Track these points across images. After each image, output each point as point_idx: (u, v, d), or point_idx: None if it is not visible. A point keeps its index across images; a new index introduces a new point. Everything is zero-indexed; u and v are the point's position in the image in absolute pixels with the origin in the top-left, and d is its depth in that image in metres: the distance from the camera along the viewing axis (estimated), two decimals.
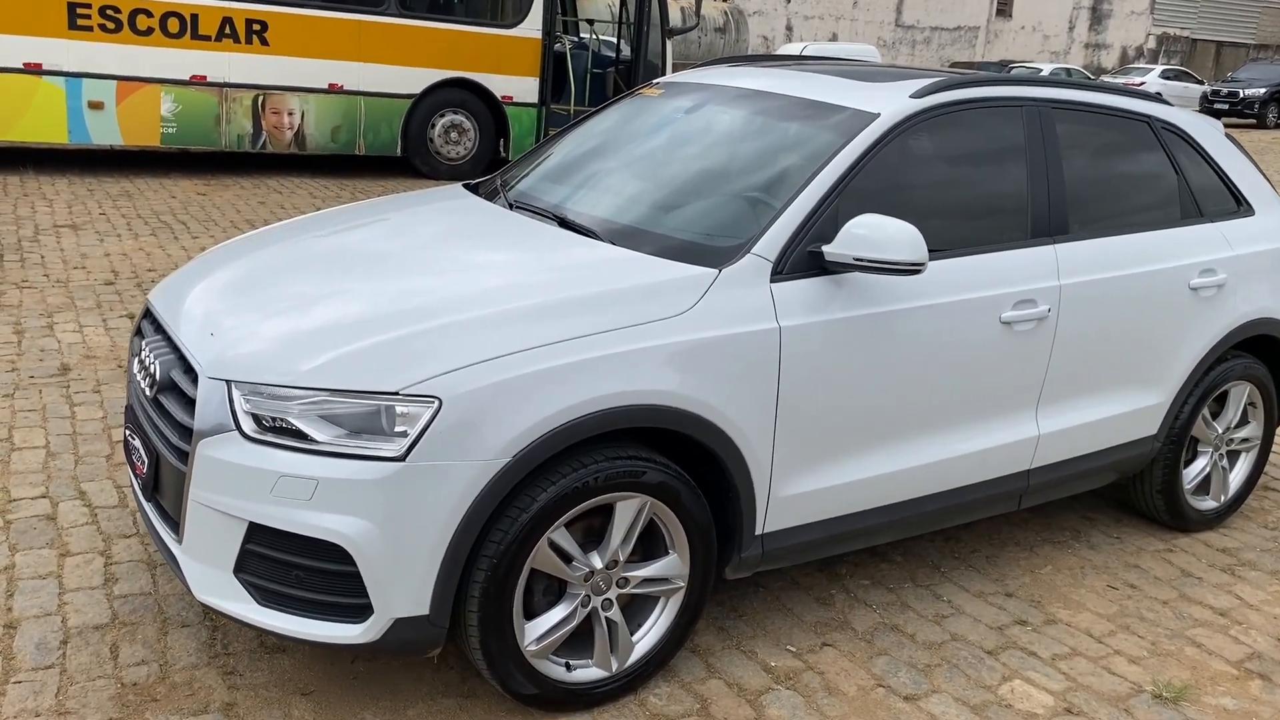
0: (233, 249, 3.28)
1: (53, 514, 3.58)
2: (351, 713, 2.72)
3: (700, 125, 3.52)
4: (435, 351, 2.49)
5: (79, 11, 10.02)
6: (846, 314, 2.93)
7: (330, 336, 2.56)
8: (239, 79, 10.91)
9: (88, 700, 2.68)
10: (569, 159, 3.71)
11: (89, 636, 2.93)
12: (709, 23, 29.60)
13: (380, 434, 2.43)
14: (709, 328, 2.73)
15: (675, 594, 2.87)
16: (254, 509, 2.45)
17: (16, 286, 6.35)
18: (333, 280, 2.87)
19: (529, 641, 2.65)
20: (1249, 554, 4.02)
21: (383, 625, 2.47)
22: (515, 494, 2.53)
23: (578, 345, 2.57)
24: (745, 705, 2.87)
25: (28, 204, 8.77)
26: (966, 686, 3.04)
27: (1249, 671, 3.24)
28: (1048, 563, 3.83)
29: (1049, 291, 3.35)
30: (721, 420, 2.75)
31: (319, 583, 2.47)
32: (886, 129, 3.13)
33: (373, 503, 2.40)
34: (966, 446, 3.29)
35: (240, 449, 2.47)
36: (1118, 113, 3.73)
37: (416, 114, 11.88)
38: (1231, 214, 3.99)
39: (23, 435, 4.19)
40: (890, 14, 38.36)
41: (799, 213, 2.94)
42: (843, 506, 3.09)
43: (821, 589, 3.51)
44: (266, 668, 2.87)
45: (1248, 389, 4.07)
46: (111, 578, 3.23)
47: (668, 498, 2.73)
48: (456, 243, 3.13)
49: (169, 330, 2.86)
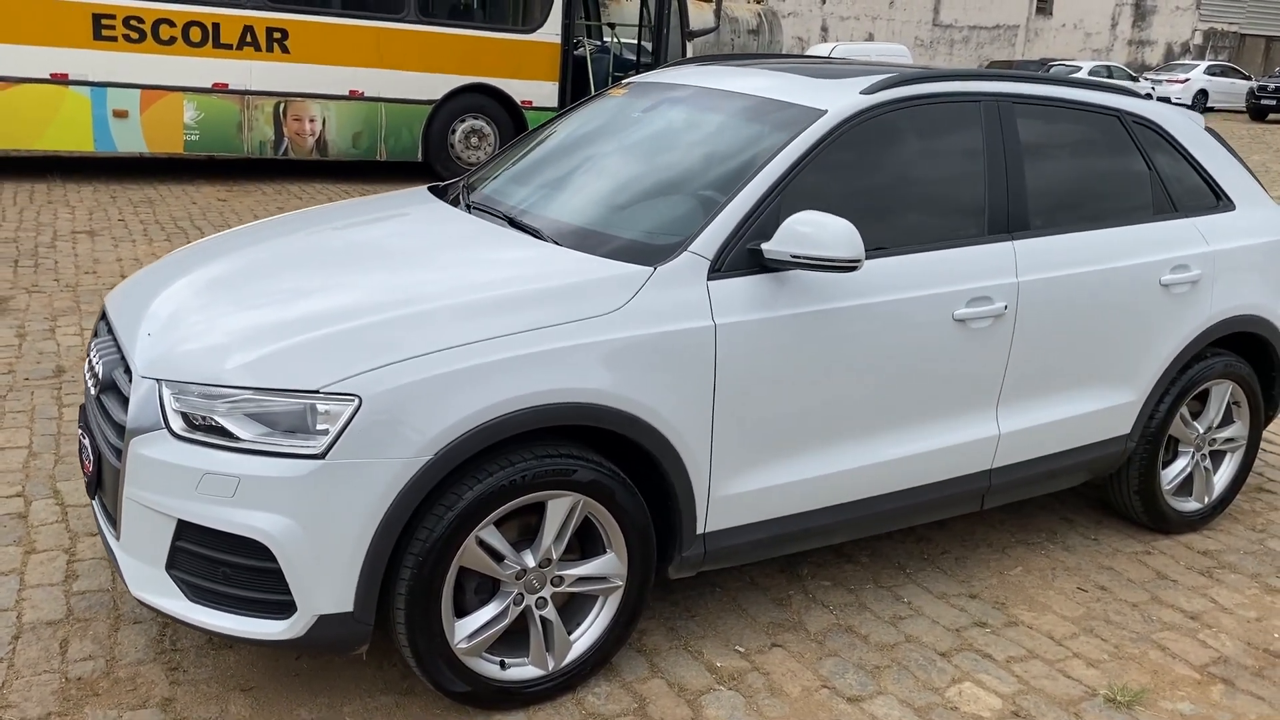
0: (190, 253, 3.33)
1: (25, 512, 3.66)
2: (288, 710, 2.75)
3: (655, 124, 3.51)
4: (357, 350, 2.51)
5: (104, 22, 10.22)
6: (787, 311, 2.91)
7: (258, 337, 2.59)
8: (261, 86, 11.07)
9: (30, 694, 2.73)
10: (530, 161, 3.72)
11: (41, 632, 2.99)
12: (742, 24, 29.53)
13: (303, 432, 2.45)
14: (640, 326, 2.72)
15: (614, 593, 2.87)
16: (181, 506, 2.48)
17: (26, 291, 6.49)
18: (273, 283, 2.90)
19: (459, 639, 2.66)
20: (1231, 557, 3.94)
21: (306, 622, 2.49)
22: (439, 492, 2.54)
23: (503, 343, 2.57)
24: (684, 705, 2.85)
25: (50, 211, 8.96)
26: (914, 689, 3.00)
27: (1212, 676, 3.17)
28: (1018, 564, 3.77)
29: (1006, 288, 3.30)
30: (655, 419, 2.74)
31: (244, 579, 2.50)
32: (833, 125, 3.11)
33: (293, 500, 2.42)
34: (921, 446, 3.25)
35: (169, 447, 2.50)
36: (1086, 107, 3.66)
37: (437, 119, 11.98)
38: (1210, 209, 3.91)
39: (7, 435, 4.28)
40: (927, 13, 38.03)
41: (738, 210, 2.92)
42: (790, 506, 3.07)
43: (780, 590, 3.48)
44: (211, 664, 2.90)
45: (1229, 388, 3.98)
46: (72, 575, 3.29)
47: (601, 496, 2.73)
48: (404, 244, 3.15)
49: (115, 330, 2.91)
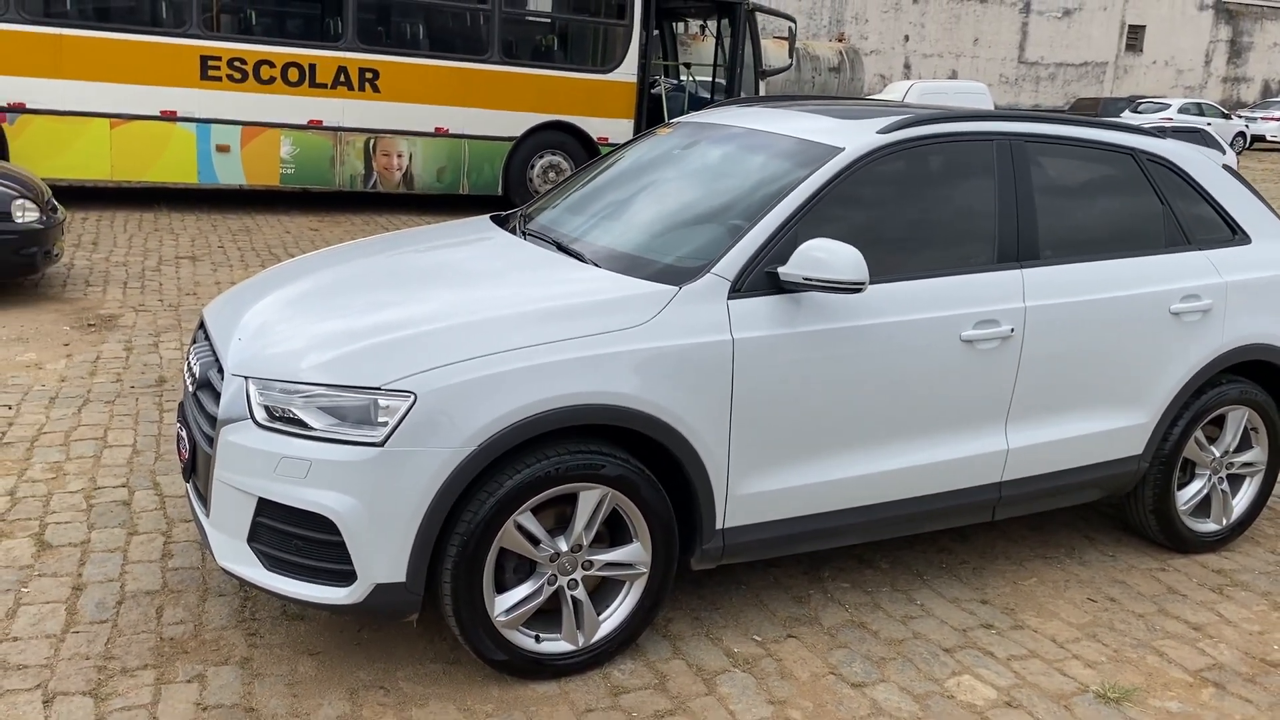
0: (278, 271, 3.76)
1: (129, 500, 4.12)
2: (349, 671, 3.12)
3: (693, 160, 3.86)
4: (416, 353, 2.89)
5: (210, 64, 10.99)
6: (801, 329, 3.22)
7: (331, 342, 2.99)
8: (352, 123, 11.74)
9: (130, 649, 3.14)
10: (580, 193, 4.10)
11: (140, 600, 3.42)
12: (823, 62, 29.85)
13: (366, 423, 2.83)
14: (664, 338, 3.06)
15: (639, 579, 3.19)
16: (262, 485, 2.88)
17: (134, 310, 7.08)
18: (346, 297, 3.31)
19: (499, 612, 3.01)
20: (1244, 576, 4.09)
21: (365, 590, 2.86)
22: (482, 479, 2.90)
23: (540, 351, 2.93)
24: (700, 683, 3.15)
25: (157, 238, 9.66)
26: (915, 678, 3.25)
27: (1205, 680, 3.35)
28: (1033, 575, 3.99)
29: (1013, 313, 3.56)
30: (677, 422, 3.06)
31: (312, 551, 2.88)
32: (849, 162, 3.42)
33: (355, 481, 2.80)
34: (930, 456, 3.52)
35: (253, 434, 2.91)
36: (1099, 145, 3.91)
37: (517, 155, 12.54)
38: (1225, 242, 4.11)
39: (115, 435, 4.78)
40: (1013, 50, 37.91)
41: (758, 238, 3.25)
42: (804, 507, 3.36)
43: (801, 589, 3.76)
44: (284, 631, 3.30)
45: (1245, 413, 4.15)
46: (168, 554, 3.72)
47: (627, 490, 3.06)
48: (463, 265, 3.54)
49: (211, 337, 3.35)
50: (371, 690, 3.03)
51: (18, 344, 6.11)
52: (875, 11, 35.51)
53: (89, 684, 2.96)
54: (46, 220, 7.02)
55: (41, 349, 6.04)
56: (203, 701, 2.92)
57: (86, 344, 6.21)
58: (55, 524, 3.89)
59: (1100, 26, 39.15)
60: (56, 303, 7.14)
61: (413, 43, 11.97)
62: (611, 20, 12.69)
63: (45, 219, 7.01)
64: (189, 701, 2.92)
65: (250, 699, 2.95)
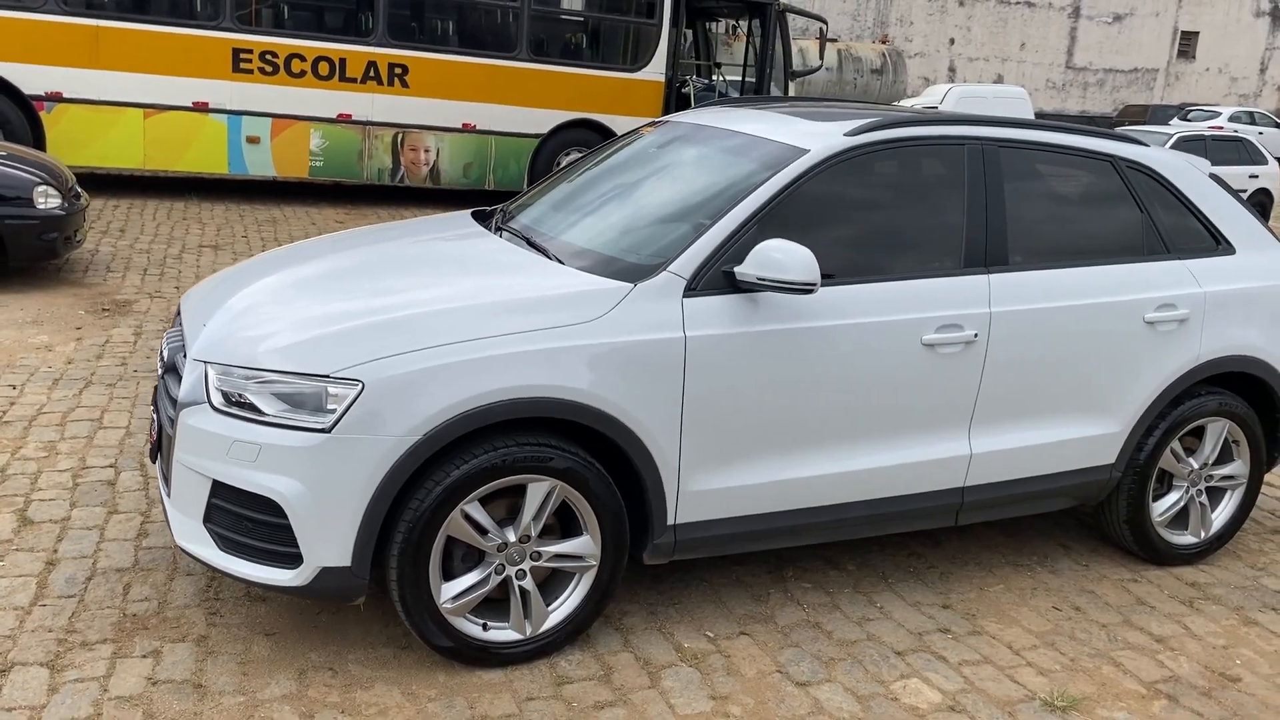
0: (253, 264, 3.84)
1: (114, 480, 4.23)
2: (301, 653, 3.19)
3: (665, 159, 3.89)
4: (366, 343, 2.95)
5: (242, 56, 11.17)
6: (756, 328, 3.24)
7: (290, 330, 3.06)
8: (381, 118, 11.88)
9: (93, 624, 3.24)
10: (559, 190, 4.14)
11: (110, 576, 3.51)
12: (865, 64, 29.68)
13: (316, 410, 2.90)
14: (615, 334, 3.09)
15: (588, 571, 3.23)
16: (215, 468, 2.96)
17: (149, 296, 7.24)
18: (315, 287, 3.37)
19: (445, 599, 3.06)
20: (1219, 590, 4.05)
21: (311, 572, 2.92)
22: (429, 468, 2.96)
23: (490, 343, 2.98)
24: (645, 676, 3.19)
25: (183, 226, 9.85)
26: (862, 680, 3.26)
27: (1158, 692, 3.33)
28: (1001, 582, 3.98)
29: (978, 318, 3.55)
30: (625, 417, 3.10)
31: (262, 533, 2.95)
32: (813, 163, 3.43)
33: (302, 466, 2.86)
34: (890, 459, 3.52)
35: (209, 418, 2.98)
36: (1077, 152, 3.89)
37: (543, 152, 12.62)
38: (1207, 252, 4.06)
39: (111, 417, 4.90)
40: (1060, 55, 37.44)
41: (716, 237, 3.27)
42: (758, 505, 3.37)
43: (762, 587, 3.78)
44: (244, 612, 3.37)
45: (1225, 425, 4.11)
46: (144, 533, 3.82)
47: (576, 483, 3.10)
48: (433, 259, 3.60)
49: (183, 322, 3.43)
50: (320, 671, 3.10)
51: (32, 326, 6.27)
52: (920, 14, 35.22)
53: (47, 655, 3.06)
54: (69, 206, 7.20)
55: (54, 332, 6.20)
56: (154, 676, 3.00)
57: (99, 328, 6.36)
58: (40, 501, 4.00)
59: (1151, 32, 38.54)
60: (76, 287, 7.32)
61: (442, 39, 12.09)
62: (640, 19, 12.73)
63: (67, 205, 7.18)
64: (140, 676, 3.00)
65: (200, 675, 3.03)
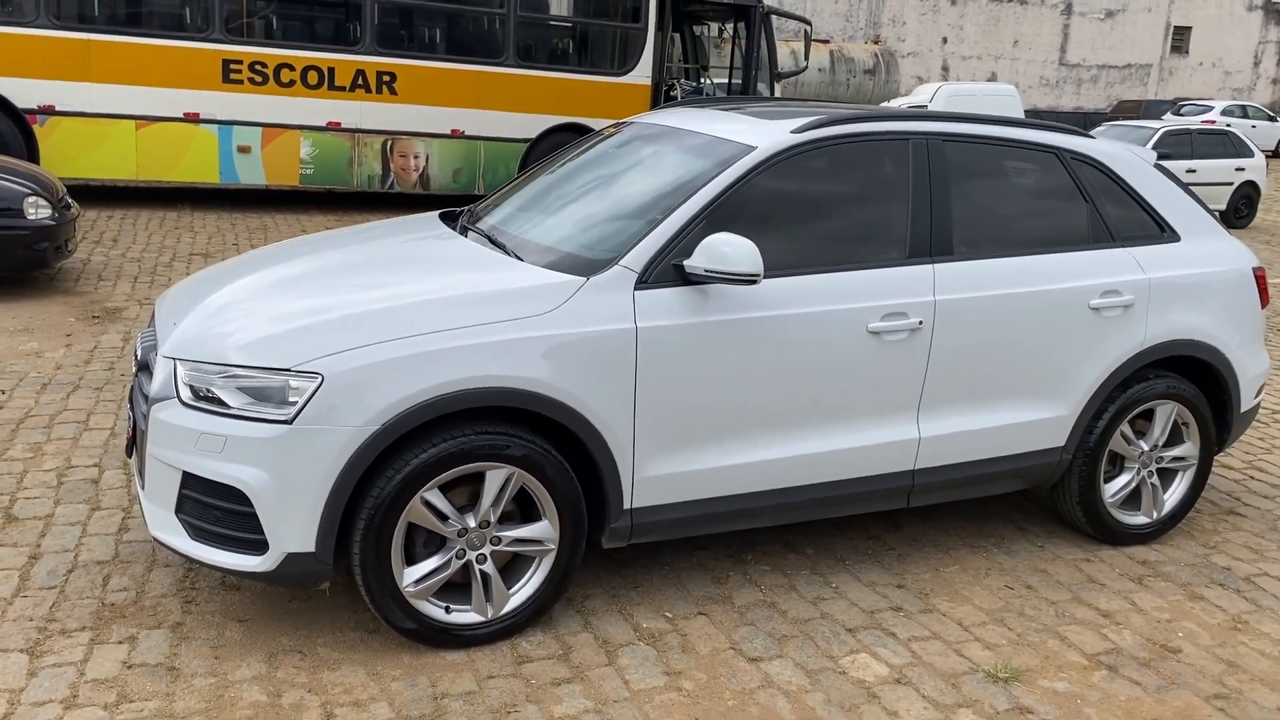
0: (223, 267, 3.96)
1: (97, 479, 4.36)
2: (272, 637, 3.32)
3: (624, 158, 4.02)
4: (326, 337, 3.08)
5: (232, 67, 11.33)
6: (704, 319, 3.37)
7: (254, 327, 3.19)
8: (370, 125, 12.04)
9: (72, 613, 3.37)
10: (526, 190, 4.27)
11: (90, 569, 3.65)
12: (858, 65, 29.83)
13: (279, 402, 3.03)
14: (568, 326, 3.22)
15: (547, 555, 3.36)
16: (184, 459, 3.09)
17: (139, 303, 7.39)
18: (282, 287, 3.50)
19: (408, 583, 3.19)
20: (1169, 567, 4.17)
21: (277, 558, 3.06)
22: (388, 456, 3.09)
23: (445, 336, 3.11)
24: (603, 655, 3.31)
25: (175, 235, 10.00)
26: (812, 655, 3.39)
27: (1099, 663, 3.45)
28: (956, 563, 4.10)
29: (922, 306, 3.67)
30: (579, 405, 3.23)
31: (229, 521, 3.08)
32: (760, 160, 3.56)
33: (266, 456, 3.00)
34: (839, 443, 3.65)
35: (178, 412, 3.12)
36: (1021, 144, 4.02)
37: (532, 157, 12.76)
38: (1152, 239, 4.19)
39: (97, 419, 5.04)
40: (1054, 52, 37.55)
41: (666, 232, 3.40)
42: (712, 489, 3.50)
43: (722, 570, 3.90)
44: (219, 600, 3.51)
45: (1174, 408, 4.23)
46: (125, 528, 3.95)
47: (533, 470, 3.23)
48: (398, 258, 3.73)
49: (156, 322, 3.57)
50: (290, 654, 3.23)
51: (23, 334, 6.41)
52: (913, 13, 35.37)
53: (27, 643, 3.19)
54: (59, 217, 7.34)
55: (44, 339, 6.34)
56: (129, 660, 3.14)
57: (88, 335, 6.50)
58: (25, 499, 4.14)
59: (1144, 28, 38.65)
60: (66, 295, 7.46)
61: (429, 46, 12.25)
62: (626, 23, 12.88)
63: (57, 215, 7.33)
64: (116, 660, 3.13)
65: (174, 659, 3.16)
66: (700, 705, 3.09)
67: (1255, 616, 3.81)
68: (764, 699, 3.14)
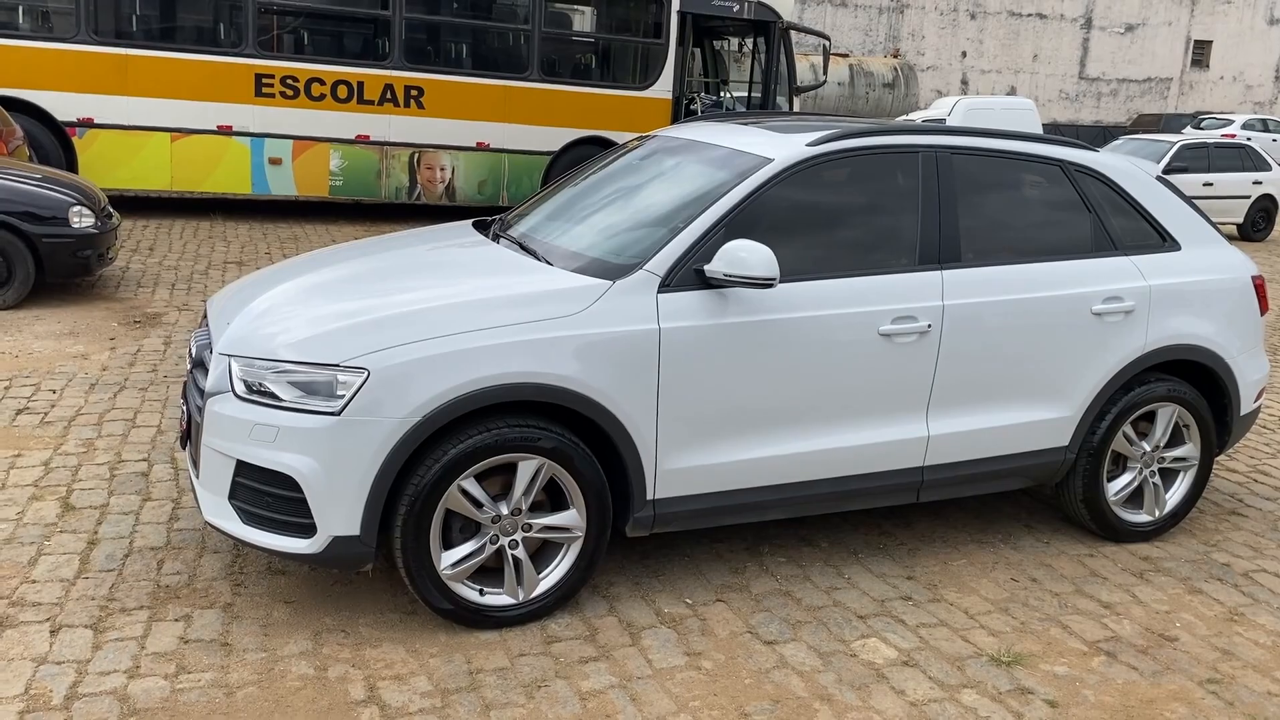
0: (273, 270, 4.21)
1: (148, 472, 4.61)
2: (317, 617, 3.54)
3: (649, 169, 4.24)
4: (372, 335, 3.31)
5: (264, 81, 11.65)
6: (723, 321, 3.58)
7: (305, 326, 3.42)
8: (398, 138, 12.33)
9: (130, 594, 3.60)
10: (553, 199, 4.50)
11: (145, 554, 3.88)
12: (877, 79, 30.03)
13: (327, 395, 3.26)
14: (595, 326, 3.44)
15: (575, 542, 3.57)
16: (239, 449, 3.32)
17: (178, 309, 7.66)
18: (328, 289, 3.74)
19: (445, 566, 3.41)
20: (1170, 563, 4.34)
21: (324, 541, 3.28)
22: (428, 447, 3.31)
23: (482, 334, 3.33)
24: (626, 636, 3.52)
25: (209, 244, 10.29)
26: (825, 639, 3.58)
27: (1099, 649, 3.63)
28: (964, 557, 4.28)
29: (931, 310, 3.87)
30: (606, 400, 3.44)
31: (280, 506, 3.31)
32: (776, 171, 3.78)
33: (315, 446, 3.22)
34: (851, 440, 3.84)
35: (233, 405, 3.35)
36: (1027, 157, 4.21)
37: (555, 168, 13.03)
38: (1153, 249, 4.37)
39: (144, 417, 5.29)
40: (1073, 66, 37.64)
41: (688, 239, 3.62)
42: (730, 482, 3.70)
43: (739, 561, 4.10)
44: (266, 583, 3.73)
45: (1175, 410, 4.40)
46: (175, 517, 4.19)
47: (562, 461, 3.44)
48: (436, 263, 3.96)
49: (209, 323, 3.81)
50: (334, 633, 3.45)
51: (69, 337, 6.69)
52: (932, 28, 35.55)
53: (91, 619, 3.42)
54: (101, 226, 7.63)
55: (89, 342, 6.61)
56: (186, 636, 3.36)
57: (130, 339, 6.77)
58: (81, 490, 4.38)
59: (1164, 42, 38.69)
60: (108, 301, 7.74)
61: (456, 62, 12.54)
62: (647, 39, 13.14)
63: (100, 224, 7.61)
64: (174, 636, 3.36)
65: (227, 635, 3.39)
66: (719, 683, 3.29)
67: (1251, 609, 3.98)
68: (779, 678, 3.34)
